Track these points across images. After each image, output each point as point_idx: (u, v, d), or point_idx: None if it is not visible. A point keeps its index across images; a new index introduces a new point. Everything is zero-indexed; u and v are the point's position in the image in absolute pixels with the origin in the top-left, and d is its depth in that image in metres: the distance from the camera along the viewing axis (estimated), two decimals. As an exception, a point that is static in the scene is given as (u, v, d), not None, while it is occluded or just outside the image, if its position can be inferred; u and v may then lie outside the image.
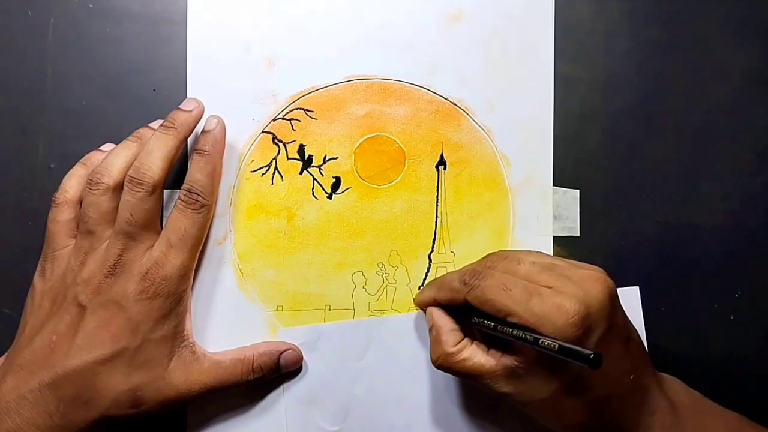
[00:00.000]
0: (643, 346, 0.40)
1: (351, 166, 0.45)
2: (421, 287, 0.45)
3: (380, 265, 0.45)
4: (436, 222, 0.45)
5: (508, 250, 0.42)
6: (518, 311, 0.36)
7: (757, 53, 0.46)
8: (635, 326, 0.40)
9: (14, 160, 0.45)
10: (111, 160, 0.41)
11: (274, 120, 0.45)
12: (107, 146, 0.44)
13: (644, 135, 0.46)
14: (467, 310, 0.39)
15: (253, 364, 0.42)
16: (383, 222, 0.45)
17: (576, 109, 0.45)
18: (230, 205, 0.45)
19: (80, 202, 0.42)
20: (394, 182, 0.45)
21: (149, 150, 0.41)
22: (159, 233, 0.41)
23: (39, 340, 0.40)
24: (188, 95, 0.45)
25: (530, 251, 0.41)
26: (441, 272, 0.45)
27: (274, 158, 0.45)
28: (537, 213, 0.45)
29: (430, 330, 0.41)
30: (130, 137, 0.43)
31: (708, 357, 0.45)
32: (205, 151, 0.42)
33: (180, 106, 0.42)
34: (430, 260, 0.45)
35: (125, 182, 0.40)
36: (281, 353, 0.43)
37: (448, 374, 0.40)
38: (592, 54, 0.45)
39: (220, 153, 0.43)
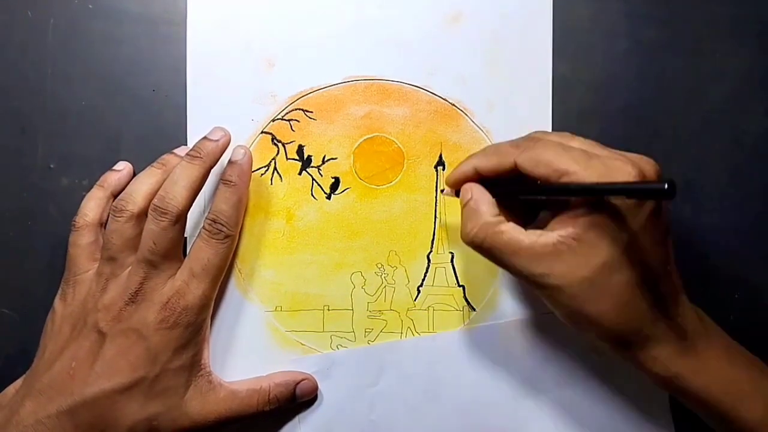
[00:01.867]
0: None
1: (350, 166, 0.45)
2: (421, 287, 0.45)
3: (379, 266, 0.45)
4: (435, 222, 0.45)
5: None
6: (577, 170, 0.34)
7: (756, 53, 0.46)
8: None
9: (14, 160, 0.45)
10: (135, 187, 0.41)
11: (273, 120, 0.45)
12: (120, 165, 0.44)
13: (644, 135, 0.46)
14: (510, 184, 0.38)
15: (269, 394, 0.42)
16: (382, 222, 0.45)
17: (575, 110, 0.45)
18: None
19: (100, 224, 0.43)
20: (393, 183, 0.45)
21: (174, 179, 0.40)
22: (181, 262, 0.41)
23: (58, 365, 0.40)
24: (188, 95, 0.45)
25: None
26: (440, 273, 0.45)
27: (274, 158, 0.45)
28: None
29: (466, 203, 0.39)
30: (154, 164, 0.43)
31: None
32: (231, 181, 0.42)
33: (206, 135, 0.42)
34: (429, 260, 0.45)
35: (150, 211, 0.40)
36: (297, 383, 0.43)
37: (464, 394, 0.40)
38: (591, 54, 0.45)
39: (247, 184, 0.43)
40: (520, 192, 0.38)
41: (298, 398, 0.43)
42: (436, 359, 0.45)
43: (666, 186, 0.30)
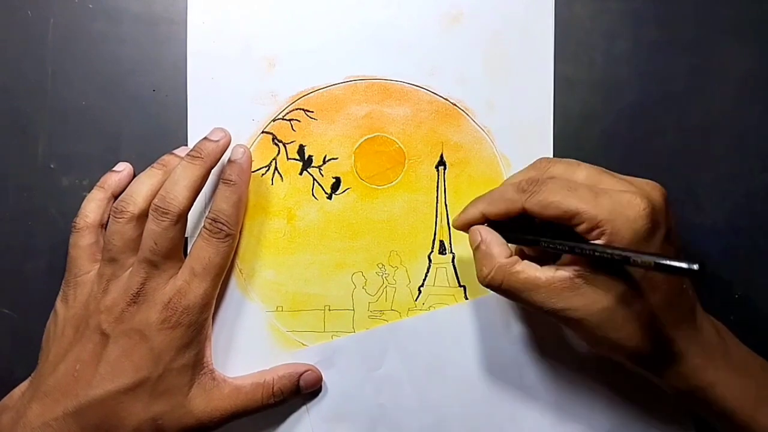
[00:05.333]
0: None
1: (351, 166, 0.45)
2: (422, 287, 0.45)
3: (380, 266, 0.45)
4: (435, 222, 0.45)
5: (558, 158, 0.40)
6: (587, 209, 0.35)
7: (757, 53, 0.46)
8: None
9: (14, 160, 0.45)
10: (136, 188, 0.42)
11: (274, 120, 0.45)
12: (120, 166, 0.44)
13: (644, 135, 0.46)
14: (519, 227, 0.38)
15: (273, 387, 0.42)
16: (383, 222, 0.45)
17: (576, 110, 0.45)
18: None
19: (101, 225, 0.43)
20: (393, 183, 0.45)
21: (175, 179, 0.40)
22: (182, 262, 0.41)
23: (63, 367, 0.40)
24: (188, 95, 0.45)
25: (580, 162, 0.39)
26: (441, 273, 0.45)
27: (274, 158, 0.45)
28: (537, 213, 0.45)
29: (478, 246, 0.39)
30: (155, 164, 0.43)
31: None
32: (231, 180, 0.42)
33: (207, 136, 0.42)
34: (429, 261, 0.45)
35: (150, 211, 0.40)
36: (300, 375, 0.43)
37: (468, 368, 0.40)
38: (592, 54, 0.45)
39: (246, 183, 0.43)
40: (541, 244, 0.37)
41: (303, 390, 0.43)
42: (437, 336, 0.45)
43: (697, 267, 0.30)
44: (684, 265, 0.30)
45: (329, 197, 0.45)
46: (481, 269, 0.38)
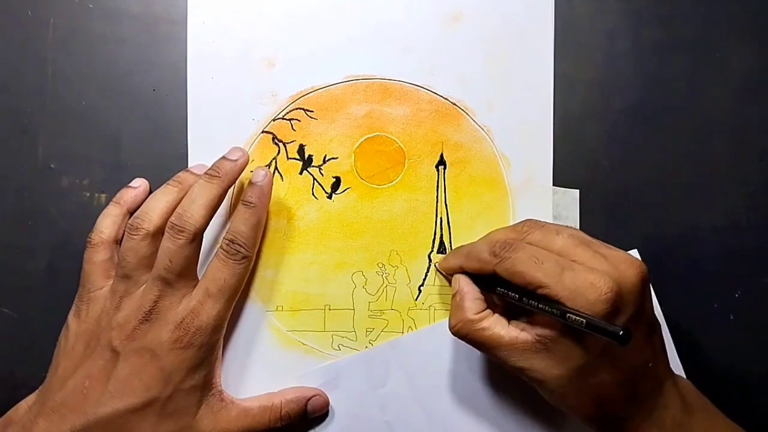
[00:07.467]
0: (663, 340, 0.40)
1: (351, 166, 0.45)
2: (422, 286, 0.45)
3: (380, 265, 0.45)
4: (435, 222, 0.45)
5: (543, 221, 0.41)
6: (550, 284, 0.36)
7: (757, 53, 0.46)
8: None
9: (14, 160, 0.45)
10: (152, 205, 0.41)
11: (274, 120, 0.45)
12: (137, 182, 0.44)
13: (644, 135, 0.46)
14: (492, 281, 0.39)
15: (281, 411, 0.42)
16: (383, 222, 0.45)
17: (576, 109, 0.45)
18: (230, 206, 0.45)
19: (116, 241, 0.43)
20: (394, 182, 0.45)
21: (192, 198, 0.40)
22: (196, 281, 0.41)
23: (71, 383, 0.39)
24: (188, 95, 0.45)
25: (566, 226, 0.40)
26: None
27: (274, 158, 0.45)
28: (537, 213, 0.45)
29: (454, 296, 0.41)
30: (170, 182, 0.42)
31: (708, 357, 0.45)
32: (251, 203, 0.41)
33: (225, 155, 0.42)
34: (430, 260, 0.45)
35: (166, 228, 0.40)
36: (308, 399, 0.43)
37: (474, 383, 0.41)
38: (592, 54, 0.45)
39: (266, 206, 0.43)
40: (497, 293, 0.39)
41: (310, 414, 0.43)
42: (439, 349, 0.45)
43: (621, 332, 0.33)
44: (610, 328, 0.33)
45: (329, 197, 0.45)
46: (451, 317, 0.40)
